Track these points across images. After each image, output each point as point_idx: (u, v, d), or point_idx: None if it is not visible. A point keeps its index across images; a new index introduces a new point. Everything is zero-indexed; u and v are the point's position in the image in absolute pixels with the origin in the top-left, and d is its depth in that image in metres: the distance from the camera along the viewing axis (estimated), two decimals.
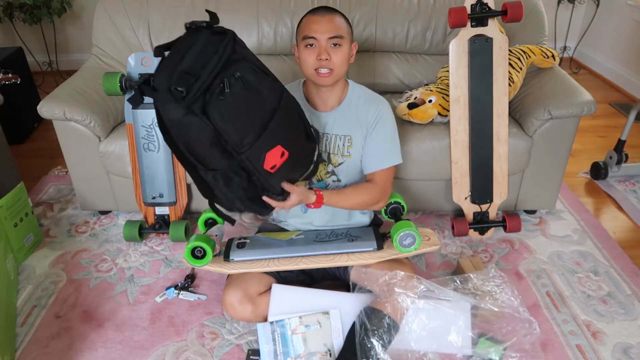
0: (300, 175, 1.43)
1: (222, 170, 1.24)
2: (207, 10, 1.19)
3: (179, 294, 1.71)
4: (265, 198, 1.35)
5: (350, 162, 1.55)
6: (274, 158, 1.27)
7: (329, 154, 1.54)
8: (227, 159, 1.23)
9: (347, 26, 1.44)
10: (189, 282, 1.77)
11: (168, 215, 1.98)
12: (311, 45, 1.40)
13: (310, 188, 1.48)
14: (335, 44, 1.40)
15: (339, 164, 1.54)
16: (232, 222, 1.47)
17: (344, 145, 1.53)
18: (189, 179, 1.94)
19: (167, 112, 1.15)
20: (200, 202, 2.04)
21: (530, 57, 1.97)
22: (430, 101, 1.91)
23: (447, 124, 1.88)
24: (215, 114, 1.14)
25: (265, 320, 1.47)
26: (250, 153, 1.22)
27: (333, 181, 1.56)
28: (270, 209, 1.39)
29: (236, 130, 1.18)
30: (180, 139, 1.21)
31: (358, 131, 1.52)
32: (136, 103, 1.19)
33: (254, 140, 1.21)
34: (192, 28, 1.16)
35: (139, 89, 1.15)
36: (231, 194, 1.30)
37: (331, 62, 1.39)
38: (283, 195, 1.37)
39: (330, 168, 1.55)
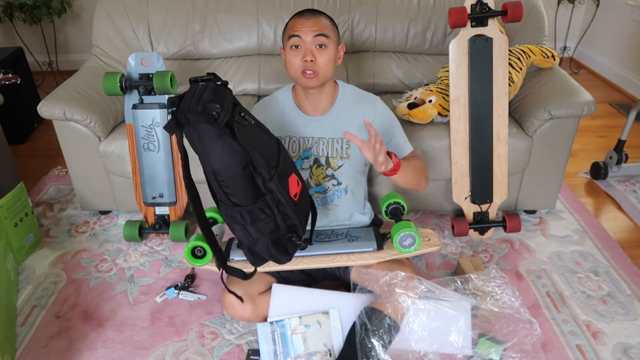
0: (309, 211, 1.45)
1: (248, 207, 1.26)
2: (208, 73, 1.24)
3: (179, 294, 1.71)
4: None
5: (349, 164, 1.54)
6: (294, 186, 1.33)
7: (327, 157, 1.53)
8: (256, 194, 1.26)
9: (333, 27, 1.43)
10: (189, 282, 1.77)
11: (168, 215, 1.98)
12: (297, 46, 1.39)
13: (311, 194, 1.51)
14: (320, 45, 1.39)
15: (339, 167, 1.54)
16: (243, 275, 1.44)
17: (342, 147, 1.53)
18: None
19: (202, 134, 1.16)
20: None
21: (530, 57, 1.97)
22: (430, 101, 1.91)
23: (447, 124, 1.88)
24: (242, 139, 1.19)
25: (265, 320, 1.47)
26: (277, 178, 1.26)
27: (333, 185, 1.56)
28: (291, 255, 1.42)
29: (261, 155, 1.22)
30: (212, 168, 1.21)
31: (356, 131, 1.51)
32: (172, 129, 1.18)
33: (276, 164, 1.27)
34: (197, 81, 1.22)
35: (172, 115, 1.16)
36: (256, 233, 1.32)
37: (316, 64, 1.39)
38: (305, 243, 1.41)
39: (329, 172, 1.54)
